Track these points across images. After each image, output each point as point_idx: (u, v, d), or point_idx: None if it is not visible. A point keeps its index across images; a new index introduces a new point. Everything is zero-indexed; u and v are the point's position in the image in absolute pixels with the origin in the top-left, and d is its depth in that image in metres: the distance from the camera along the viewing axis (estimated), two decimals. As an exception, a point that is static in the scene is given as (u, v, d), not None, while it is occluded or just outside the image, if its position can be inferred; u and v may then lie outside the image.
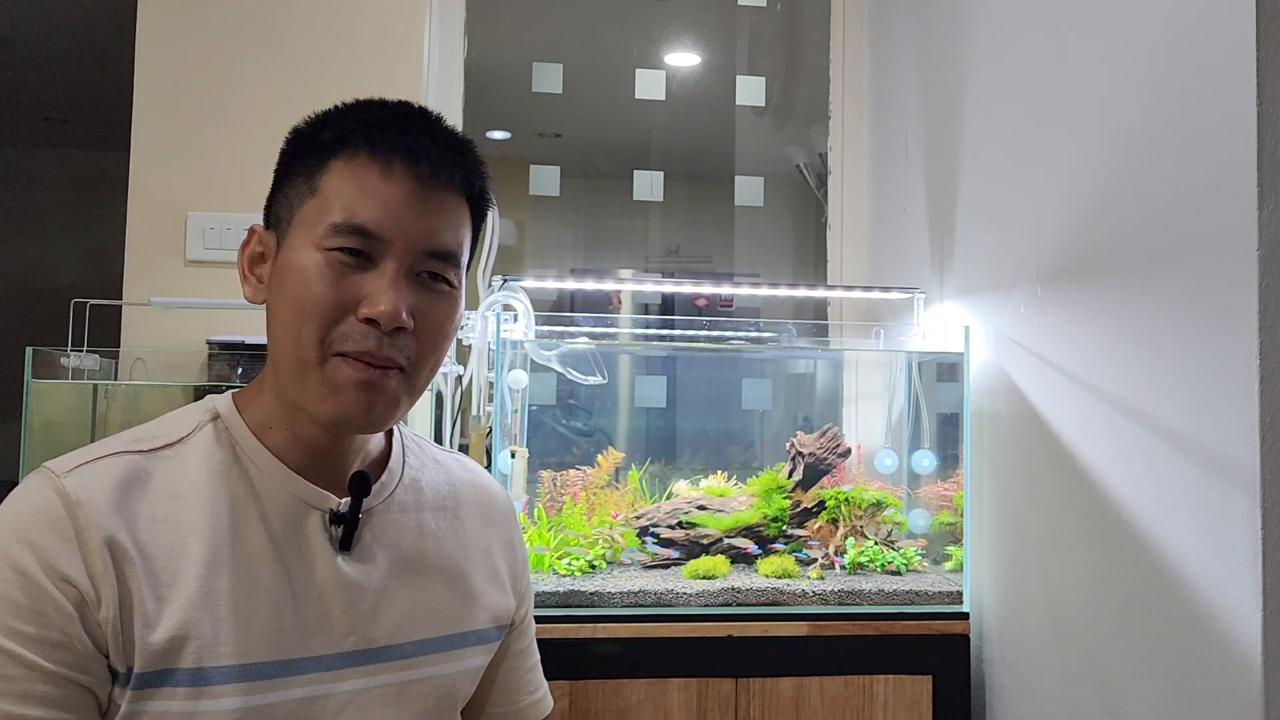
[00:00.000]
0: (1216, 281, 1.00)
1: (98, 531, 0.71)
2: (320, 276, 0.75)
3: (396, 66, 1.93)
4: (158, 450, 0.78)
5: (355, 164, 0.77)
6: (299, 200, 0.79)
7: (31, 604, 0.68)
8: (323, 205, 0.77)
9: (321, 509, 0.80)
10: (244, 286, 0.83)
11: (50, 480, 0.73)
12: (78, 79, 3.78)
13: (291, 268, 0.77)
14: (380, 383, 0.77)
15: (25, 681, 0.67)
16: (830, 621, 1.45)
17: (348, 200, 0.76)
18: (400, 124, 0.80)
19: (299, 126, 0.82)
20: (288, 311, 0.76)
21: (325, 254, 0.76)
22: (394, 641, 0.82)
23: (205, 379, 1.67)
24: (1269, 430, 0.94)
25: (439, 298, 0.80)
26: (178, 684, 0.72)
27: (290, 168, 0.81)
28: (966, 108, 1.63)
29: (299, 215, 0.78)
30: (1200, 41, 1.03)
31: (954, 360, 1.62)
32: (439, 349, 0.81)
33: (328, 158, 0.78)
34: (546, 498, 1.62)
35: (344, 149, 0.78)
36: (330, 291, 0.75)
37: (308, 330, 0.75)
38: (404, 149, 0.78)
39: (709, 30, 2.45)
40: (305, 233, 0.77)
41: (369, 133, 0.78)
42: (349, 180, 0.77)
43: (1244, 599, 0.96)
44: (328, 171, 0.78)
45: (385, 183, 0.77)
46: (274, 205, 0.82)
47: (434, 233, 0.79)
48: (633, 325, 1.97)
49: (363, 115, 0.80)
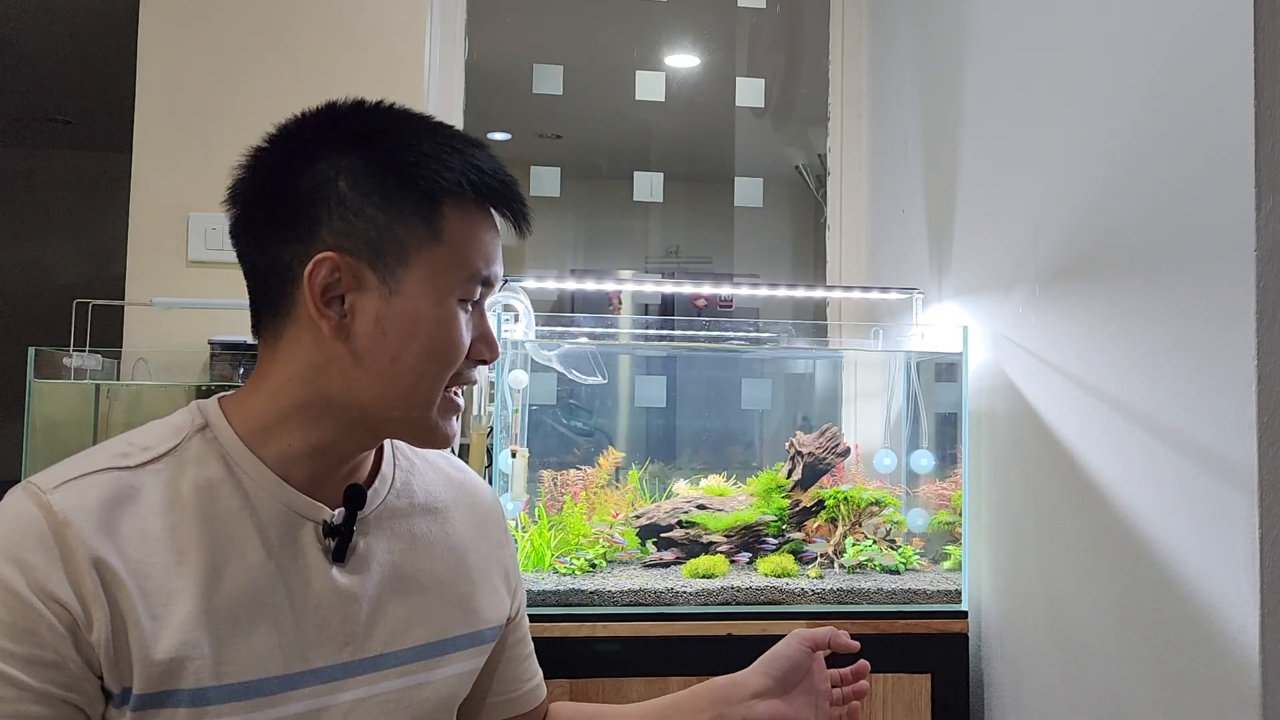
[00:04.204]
0: (1214, 281, 1.00)
1: (85, 552, 0.69)
2: (461, 328, 0.79)
3: (397, 68, 1.93)
4: (144, 465, 0.76)
5: (470, 213, 0.79)
6: (414, 241, 0.76)
7: (22, 623, 0.67)
8: (453, 255, 0.78)
9: (315, 520, 0.80)
10: (321, 323, 0.75)
11: (36, 496, 0.71)
12: (80, 80, 3.79)
13: (426, 317, 0.77)
14: (459, 407, 0.84)
15: (16, 702, 0.66)
16: (829, 620, 1.45)
17: (483, 254, 0.80)
18: (496, 175, 0.82)
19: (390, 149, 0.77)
20: (422, 361, 0.77)
21: (460, 304, 0.79)
22: (390, 649, 0.83)
23: (207, 379, 1.67)
24: (1267, 429, 0.94)
25: None
26: (178, 704, 0.71)
27: (377, 194, 0.76)
28: (965, 109, 1.64)
29: (418, 258, 0.76)
30: (1198, 42, 1.04)
31: (952, 360, 1.62)
32: None
33: (440, 200, 0.77)
34: (547, 497, 1.62)
35: (457, 193, 0.78)
36: (463, 339, 0.80)
37: (444, 375, 0.79)
38: (508, 198, 0.81)
39: (708, 32, 2.45)
40: (436, 281, 0.77)
41: (484, 183, 0.80)
42: (473, 230, 0.80)
43: (1242, 597, 0.96)
44: (445, 218, 0.77)
45: (494, 234, 0.82)
46: (351, 229, 0.76)
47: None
48: (633, 326, 1.97)
49: (467, 156, 0.80)
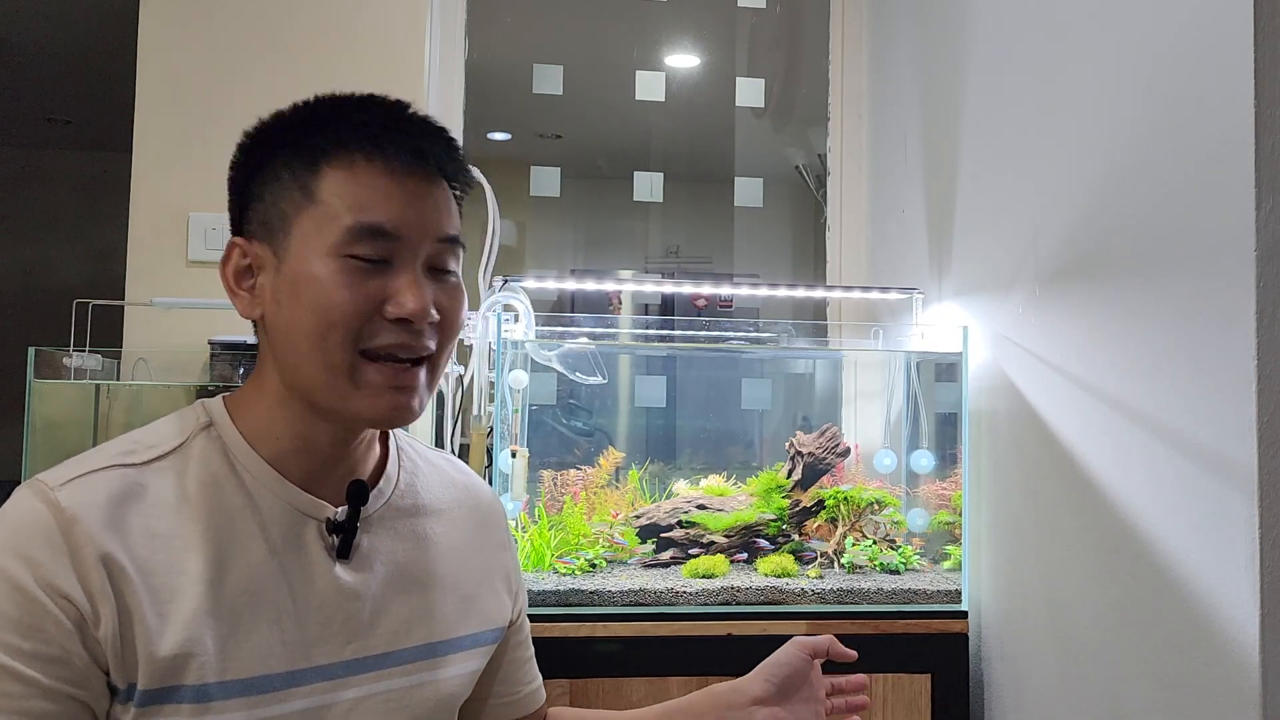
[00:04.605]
0: (1214, 281, 1.00)
1: (93, 548, 0.70)
2: (343, 283, 0.76)
3: (398, 68, 1.93)
4: (150, 463, 0.76)
5: (356, 167, 0.77)
6: (293, 208, 0.78)
7: (29, 619, 0.68)
8: (327, 212, 0.77)
9: (319, 518, 0.80)
10: (234, 302, 0.81)
11: (43, 493, 0.71)
12: (80, 80, 3.79)
13: (306, 278, 0.76)
14: (411, 380, 0.79)
15: (23, 698, 0.67)
16: (829, 620, 1.46)
17: (359, 205, 0.77)
18: (391, 122, 0.80)
19: (263, 130, 0.81)
20: (309, 322, 0.76)
21: (342, 260, 0.76)
22: (393, 648, 0.83)
23: (207, 379, 1.67)
24: (1267, 430, 0.94)
25: (452, 288, 0.82)
26: (182, 700, 0.72)
27: (267, 173, 0.79)
28: (965, 108, 1.64)
29: (297, 224, 0.77)
30: (1198, 41, 1.04)
31: (952, 360, 1.62)
32: (455, 338, 0.83)
33: (320, 163, 0.78)
34: (547, 497, 1.62)
35: (339, 152, 0.78)
36: (355, 297, 0.76)
37: (334, 337, 0.76)
38: (408, 148, 0.78)
39: (708, 32, 2.45)
40: (313, 241, 0.77)
41: (367, 134, 0.78)
42: (354, 184, 0.77)
43: (1242, 598, 0.96)
44: (323, 178, 0.77)
45: (391, 182, 0.78)
46: (254, 213, 0.80)
47: (440, 224, 0.80)
48: (633, 326, 1.97)
49: (350, 116, 0.80)
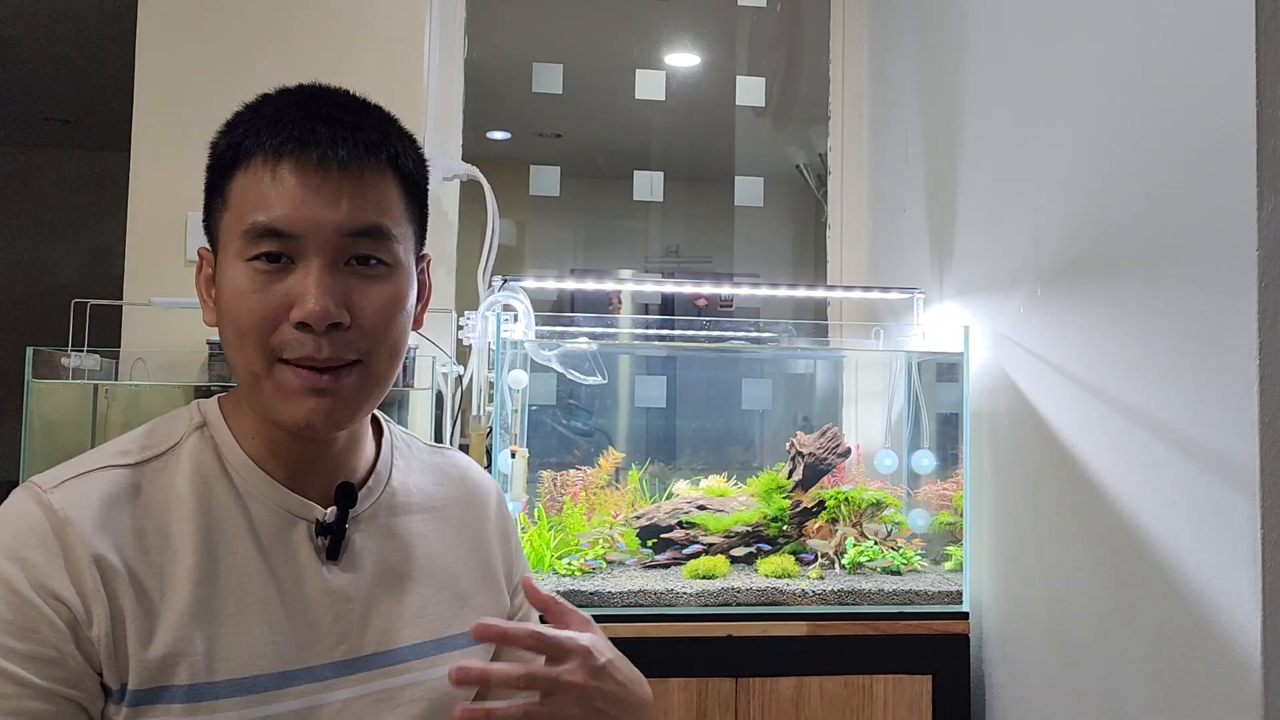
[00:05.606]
0: (1216, 282, 1.00)
1: (86, 550, 0.70)
2: (247, 289, 0.74)
3: (397, 67, 1.93)
4: (146, 462, 0.77)
5: (253, 167, 0.76)
6: (218, 215, 0.78)
7: (23, 621, 0.68)
8: (235, 217, 0.76)
9: (308, 519, 0.80)
10: (203, 310, 0.81)
11: (37, 496, 0.72)
12: (78, 79, 3.78)
13: (224, 286, 0.76)
14: (331, 386, 0.75)
15: (18, 699, 0.67)
16: (830, 621, 1.45)
17: (251, 205, 0.75)
18: (288, 114, 0.77)
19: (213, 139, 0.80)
20: (229, 330, 0.76)
21: (246, 264, 0.75)
22: (383, 648, 0.82)
23: (205, 379, 1.67)
24: (1268, 430, 0.94)
25: (374, 281, 0.77)
26: (173, 700, 0.72)
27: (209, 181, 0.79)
28: (966, 108, 1.63)
29: (221, 230, 0.77)
30: (1200, 42, 1.03)
31: (953, 360, 1.62)
32: (390, 333, 0.78)
33: (232, 168, 0.77)
34: (546, 498, 1.62)
35: (242, 155, 0.76)
36: (259, 302, 0.74)
37: (248, 344, 0.75)
38: (292, 139, 0.75)
39: (709, 31, 2.45)
40: (230, 247, 0.76)
41: (257, 133, 0.76)
42: (253, 183, 0.75)
43: (1243, 598, 0.96)
44: (234, 181, 0.76)
45: (280, 177, 0.75)
46: (208, 222, 0.80)
47: (349, 213, 0.75)
48: (633, 325, 1.97)
49: (250, 116, 0.78)
